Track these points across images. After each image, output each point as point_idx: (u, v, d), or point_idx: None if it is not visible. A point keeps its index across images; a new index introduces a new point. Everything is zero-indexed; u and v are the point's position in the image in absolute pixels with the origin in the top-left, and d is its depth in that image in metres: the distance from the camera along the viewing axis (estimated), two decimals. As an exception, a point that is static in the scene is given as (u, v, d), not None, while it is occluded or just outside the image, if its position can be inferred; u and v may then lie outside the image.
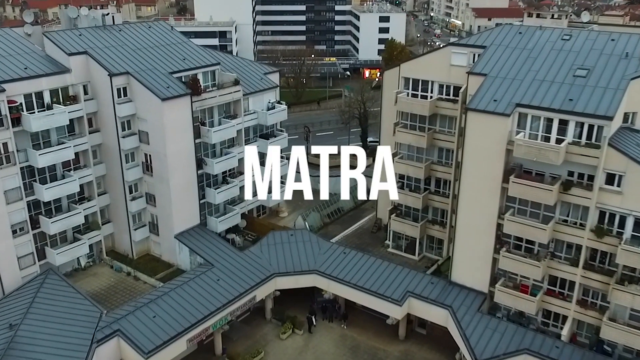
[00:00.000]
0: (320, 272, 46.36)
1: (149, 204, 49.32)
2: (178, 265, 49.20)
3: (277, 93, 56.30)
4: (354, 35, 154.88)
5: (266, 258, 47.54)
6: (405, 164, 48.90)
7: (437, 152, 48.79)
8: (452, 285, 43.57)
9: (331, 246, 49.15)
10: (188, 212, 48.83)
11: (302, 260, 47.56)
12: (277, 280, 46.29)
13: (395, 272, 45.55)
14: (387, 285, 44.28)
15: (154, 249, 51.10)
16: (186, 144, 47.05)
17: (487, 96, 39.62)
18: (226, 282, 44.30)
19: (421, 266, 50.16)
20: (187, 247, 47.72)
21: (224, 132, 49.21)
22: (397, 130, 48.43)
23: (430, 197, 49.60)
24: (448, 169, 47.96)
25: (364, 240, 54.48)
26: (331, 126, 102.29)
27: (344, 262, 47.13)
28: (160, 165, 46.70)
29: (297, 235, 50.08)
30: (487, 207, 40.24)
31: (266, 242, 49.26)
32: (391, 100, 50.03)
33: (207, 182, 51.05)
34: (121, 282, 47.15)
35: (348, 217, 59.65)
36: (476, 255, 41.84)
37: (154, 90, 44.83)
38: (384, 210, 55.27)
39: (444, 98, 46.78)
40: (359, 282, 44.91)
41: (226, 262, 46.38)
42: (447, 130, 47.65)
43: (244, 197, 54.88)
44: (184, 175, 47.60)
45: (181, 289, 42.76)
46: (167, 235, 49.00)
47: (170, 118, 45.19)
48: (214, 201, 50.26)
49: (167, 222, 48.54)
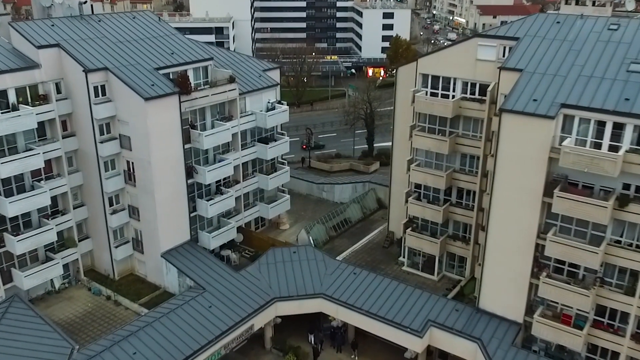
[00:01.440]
0: (328, 297, 40.50)
1: (132, 217, 43.45)
2: (165, 287, 43.34)
3: (277, 92, 50.44)
4: (357, 33, 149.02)
5: (265, 279, 41.69)
6: (424, 172, 43.06)
7: (459, 159, 42.99)
8: (480, 313, 37.73)
9: (339, 265, 43.30)
10: (176, 227, 42.96)
11: (306, 282, 41.71)
12: (278, 305, 40.43)
13: (414, 296, 39.70)
14: (405, 313, 38.44)
15: (139, 268, 45.23)
16: (174, 150, 41.19)
17: (524, 95, 33.79)
18: (219, 309, 38.44)
19: (441, 288, 44.39)
20: (175, 268, 41.85)
21: (218, 136, 43.33)
22: (415, 134, 42.59)
23: (452, 209, 43.81)
24: (472, 178, 42.14)
25: (375, 257, 48.65)
26: (334, 127, 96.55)
27: (354, 284, 41.28)
28: (144, 174, 40.82)
29: (300, 253, 44.22)
30: (523, 225, 34.41)
31: (265, 260, 43.40)
32: (406, 100, 44.24)
33: (198, 193, 45.19)
34: (99, 308, 41.27)
35: (356, 230, 53.81)
36: (509, 279, 36.01)
37: (137, 88, 38.96)
38: (396, 222, 49.52)
39: (468, 97, 40.98)
40: (372, 308, 39.04)
41: (220, 284, 40.54)
42: (472, 134, 41.86)
43: (240, 209, 49.06)
44: (172, 185, 41.74)
45: (167, 318, 36.88)
46: (152, 254, 43.14)
47: (155, 120, 39.33)
48: (206, 214, 44.42)
49: (152, 238, 42.68)
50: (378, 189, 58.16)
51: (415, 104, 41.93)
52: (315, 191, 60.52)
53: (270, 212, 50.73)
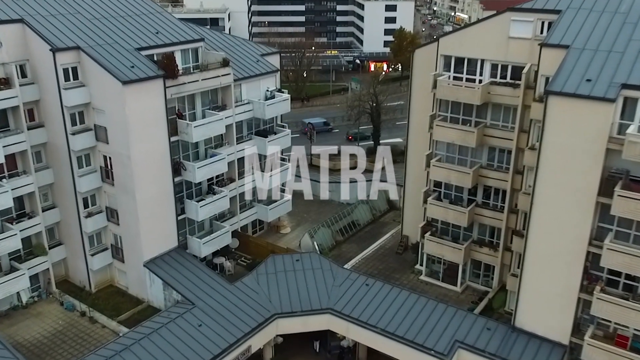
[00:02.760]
0: (336, 312, 34.89)
1: (111, 221, 37.79)
2: (149, 301, 37.72)
3: (277, 79, 44.83)
4: (358, 27, 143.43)
5: (264, 292, 36.09)
6: (447, 169, 37.50)
7: (487, 153, 37.46)
8: (517, 332, 32.17)
9: (349, 275, 37.70)
10: (161, 231, 37.33)
11: (311, 295, 36.10)
12: (279, 322, 34.82)
13: (438, 312, 34.13)
14: (428, 332, 32.86)
15: (119, 279, 39.58)
16: (158, 143, 35.58)
17: (575, 75, 28.26)
18: (211, 328, 32.83)
19: (465, 300, 38.87)
20: (160, 279, 36.23)
21: (209, 127, 37.69)
22: (436, 125, 37.04)
23: (478, 211, 38.26)
24: (503, 175, 36.59)
25: (389, 265, 43.10)
26: (336, 123, 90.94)
27: (366, 297, 35.68)
28: (124, 170, 35.20)
29: (304, 261, 38.61)
30: (573, 230, 28.86)
31: (264, 270, 37.79)
32: (424, 87, 38.87)
33: (187, 193, 39.57)
34: (72, 326, 35.62)
35: (365, 234, 48.27)
36: (554, 294, 30.45)
37: (113, 70, 33.35)
38: (411, 225, 44.08)
39: (499, 82, 35.46)
40: (388, 326, 33.43)
41: (211, 299, 34.93)
42: (502, 125, 36.34)
43: (236, 211, 43.44)
44: (156, 184, 36.12)
45: (149, 340, 31.26)
46: (134, 263, 37.51)
47: (135, 108, 33.72)
48: (196, 217, 38.78)
49: (133, 245, 37.05)
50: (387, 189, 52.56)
51: (437, 89, 36.38)
52: (319, 191, 54.86)
53: (270, 215, 45.09)
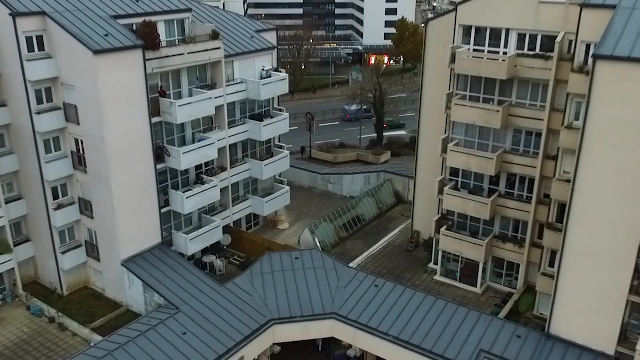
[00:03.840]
0: (341, 317, 30.44)
1: (84, 214, 33.23)
2: (128, 305, 33.20)
3: (274, 57, 40.33)
4: (357, 18, 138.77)
5: (259, 295, 31.60)
6: (466, 154, 33.07)
7: (511, 136, 33.06)
8: (552, 340, 27.71)
9: (355, 275, 33.21)
10: (142, 226, 32.80)
11: (313, 297, 31.61)
12: (276, 329, 30.33)
13: (458, 316, 29.68)
14: (448, 340, 28.42)
15: (95, 280, 35.03)
16: (137, 124, 31.07)
17: (627, 36, 23.86)
18: (197, 336, 28.33)
19: (486, 303, 34.45)
20: (140, 279, 31.70)
21: (196, 106, 33.20)
22: (455, 104, 32.61)
23: (501, 201, 33.85)
24: (531, 160, 32.19)
25: (398, 263, 38.63)
26: (336, 115, 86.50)
27: (376, 300, 31.23)
28: (97, 155, 30.67)
29: (304, 259, 34.10)
30: (623, 221, 24.42)
31: (259, 269, 33.28)
32: (438, 62, 34.69)
33: (172, 183, 35.06)
34: (38, 334, 31.07)
35: (371, 229, 43.78)
36: (597, 295, 26.02)
37: (84, 38, 28.81)
38: (422, 219, 39.71)
39: (527, 53, 31.04)
40: (402, 333, 28.97)
41: (198, 302, 30.42)
42: (530, 103, 31.92)
43: (228, 204, 38.93)
44: (135, 171, 31.60)
45: (124, 351, 26.75)
46: (110, 261, 32.98)
47: (109, 82, 29.20)
48: (182, 209, 34.26)
49: (109, 241, 32.51)
50: (395, 180, 48.18)
51: (457, 63, 31.92)
52: (319, 183, 50.47)
53: (266, 208, 40.55)
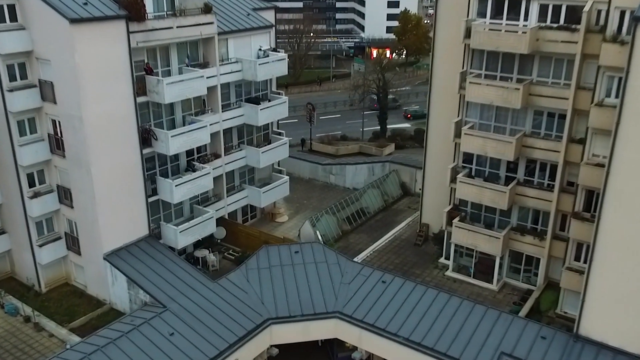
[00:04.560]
0: (346, 317, 27.57)
1: (64, 203, 30.35)
2: (111, 303, 30.34)
3: (272, 36, 37.43)
4: (359, 12, 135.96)
5: (255, 292, 28.75)
6: (483, 138, 30.18)
7: (531, 118, 30.19)
8: (582, 342, 24.82)
9: (361, 270, 30.33)
10: (127, 216, 29.90)
11: (314, 295, 28.74)
12: (273, 330, 27.49)
13: (475, 316, 26.79)
14: (464, 342, 25.54)
15: (76, 276, 32.15)
16: (120, 104, 28.18)
17: (673, -5, 21.03)
18: (186, 337, 25.48)
19: (504, 301, 31.57)
20: (124, 275, 28.81)
21: (186, 85, 30.32)
22: (470, 82, 29.74)
23: (520, 190, 30.97)
24: (554, 144, 29.28)
25: (406, 258, 35.76)
26: (337, 108, 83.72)
27: (384, 297, 28.35)
28: (75, 137, 27.78)
29: (305, 252, 31.23)
30: (666, 207, 21.64)
31: (255, 264, 30.41)
32: (450, 39, 32.03)
33: (161, 170, 32.20)
34: (12, 334, 28.21)
35: (376, 222, 40.90)
36: (634, 292, 23.15)
37: (60, 6, 25.92)
38: (432, 212, 36.90)
39: (551, 26, 28.12)
40: (412, 335, 26.09)
41: (188, 300, 27.56)
42: (553, 81, 29.03)
43: (222, 194, 36.08)
44: (118, 156, 28.71)
45: (102, 354, 23.91)
46: (92, 255, 30.10)
47: (88, 56, 26.32)
48: (171, 199, 31.40)
49: (91, 232, 29.63)
50: (401, 171, 45.30)
51: (472, 37, 28.99)
52: (320, 175, 47.60)
53: (263, 199, 37.66)
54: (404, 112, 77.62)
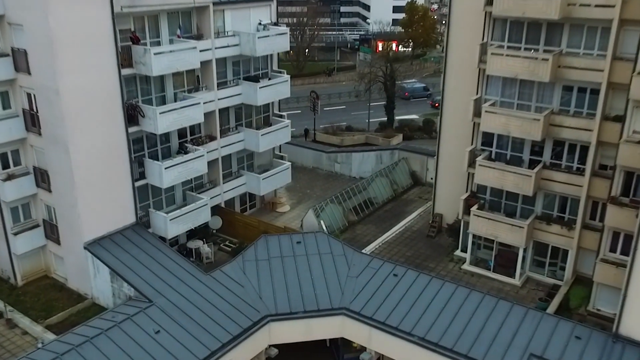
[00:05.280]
0: (354, 314, 24.64)
1: (41, 187, 27.45)
2: (93, 297, 27.46)
3: (273, 10, 34.49)
4: (364, 4, 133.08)
5: (253, 286, 25.85)
6: (506, 115, 27.20)
7: (559, 94, 27.18)
8: (622, 343, 21.80)
9: (370, 262, 27.36)
10: (110, 202, 26.97)
11: (318, 289, 25.79)
12: (272, 328, 24.58)
13: (499, 313, 23.80)
14: (488, 342, 22.56)
15: (56, 268, 29.28)
16: (102, 75, 25.25)
17: None
18: (173, 335, 22.58)
19: (527, 297, 28.57)
20: (106, 266, 25.91)
21: (177, 57, 27.38)
22: (492, 54, 26.76)
23: (546, 174, 27.96)
24: (585, 122, 26.29)
25: (418, 251, 32.80)
26: (342, 99, 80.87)
27: (396, 292, 25.39)
28: (51, 112, 24.88)
29: (308, 243, 28.28)
30: None
31: (253, 255, 27.49)
32: (468, 8, 28.96)
33: (149, 152, 29.32)
34: (-19, 333, 25.42)
35: (385, 213, 37.95)
36: (686, 286, 20.20)
37: (32, -37, 23.08)
38: (445, 201, 34.00)
39: (584, -12, 25.18)
40: (429, 334, 23.13)
41: (176, 294, 24.66)
42: (585, 52, 26.03)
43: (218, 180, 33.18)
44: (100, 134, 25.79)
45: (77, 354, 21.03)
46: (72, 244, 27.20)
47: (65, 20, 23.41)
48: (160, 183, 28.48)
49: (70, 219, 26.73)
50: (411, 159, 42.34)
51: (496, 3, 26.00)
52: (325, 163, 44.68)
53: (263, 186, 34.71)
54: (431, 101, 75.01)
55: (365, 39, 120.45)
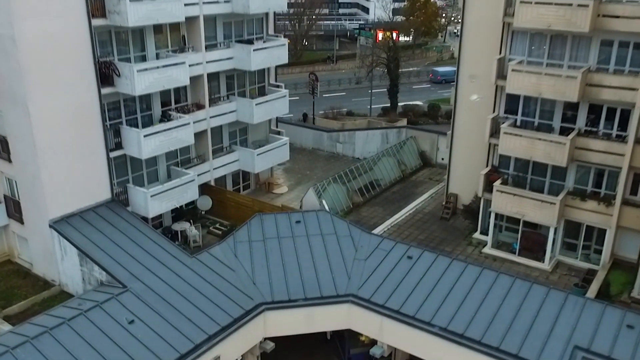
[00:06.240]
0: (362, 301, 21.13)
1: (1, 157, 23.79)
2: (61, 284, 23.82)
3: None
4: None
5: (245, 270, 22.31)
6: (536, 74, 23.66)
7: (597, 49, 23.70)
8: (683, 333, 18.40)
9: (380, 243, 23.82)
10: (80, 174, 23.35)
11: (321, 273, 22.28)
12: (268, 318, 21.04)
13: (533, 299, 20.30)
14: (523, 333, 19.04)
15: (20, 251, 25.62)
16: (68, 23, 21.61)
17: None
18: (150, 325, 19.02)
19: (559, 283, 24.98)
20: (74, 247, 22.29)
21: (156, 7, 23.66)
22: (521, 2, 23.23)
23: (581, 142, 24.44)
24: (630, 80, 22.74)
25: (432, 234, 29.24)
26: (342, 86, 77.47)
27: (410, 277, 21.88)
28: (9, 66, 21.21)
29: (308, 222, 24.74)
30: None
31: (246, 235, 23.93)
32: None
33: (128, 120, 25.69)
34: None
35: (392, 195, 34.39)
36: None
37: None
38: (461, 179, 30.52)
39: None
40: (452, 324, 19.62)
41: (156, 278, 21.08)
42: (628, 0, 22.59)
43: (207, 155, 29.60)
44: (67, 94, 22.15)
45: (31, 346, 17.46)
46: (36, 223, 23.57)
47: (22, -48, 19.86)
48: (139, 153, 24.78)
49: (33, 193, 23.11)
50: (420, 138, 38.78)
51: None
52: (326, 144, 41.14)
53: (258, 163, 31.05)
54: None
55: (365, 27, 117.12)
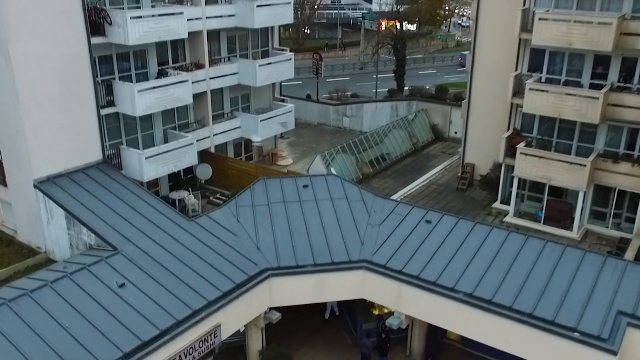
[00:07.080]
0: (377, 267, 19.15)
1: (-19, 112, 21.93)
2: (47, 251, 21.90)
3: None
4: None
5: (249, 234, 20.36)
6: (566, 22, 21.70)
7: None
8: None
9: (395, 208, 21.86)
10: (68, 131, 21.41)
11: (331, 238, 20.30)
12: (274, 285, 19.06)
13: (567, 263, 18.35)
14: (557, 298, 17.07)
15: (4, 218, 23.72)
16: (54, -40, 19.74)
17: None
18: (142, 290, 17.07)
19: (590, 253, 23.02)
20: (62, 208, 20.33)
21: (153, -52, 21.86)
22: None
23: (614, 98, 22.49)
24: (671, 25, 20.85)
25: (449, 204, 27.33)
26: (346, 71, 75.57)
27: (429, 242, 19.91)
28: (-13, 5, 19.34)
29: (316, 186, 22.78)
30: None
31: (249, 199, 21.97)
32: None
33: (121, 76, 23.74)
34: None
35: (404, 167, 32.51)
36: None
37: None
38: (478, 148, 28.67)
39: None
40: (478, 289, 17.66)
41: (150, 241, 19.12)
42: None
43: (206, 120, 27.64)
44: (53, 40, 20.22)
45: (9, 309, 15.51)
46: (20, 184, 21.65)
47: None
48: (133, 110, 22.83)
49: (16, 150, 21.18)
50: (432, 111, 36.95)
51: None
52: (332, 118, 39.28)
53: (261, 129, 29.13)
54: None
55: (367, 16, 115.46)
